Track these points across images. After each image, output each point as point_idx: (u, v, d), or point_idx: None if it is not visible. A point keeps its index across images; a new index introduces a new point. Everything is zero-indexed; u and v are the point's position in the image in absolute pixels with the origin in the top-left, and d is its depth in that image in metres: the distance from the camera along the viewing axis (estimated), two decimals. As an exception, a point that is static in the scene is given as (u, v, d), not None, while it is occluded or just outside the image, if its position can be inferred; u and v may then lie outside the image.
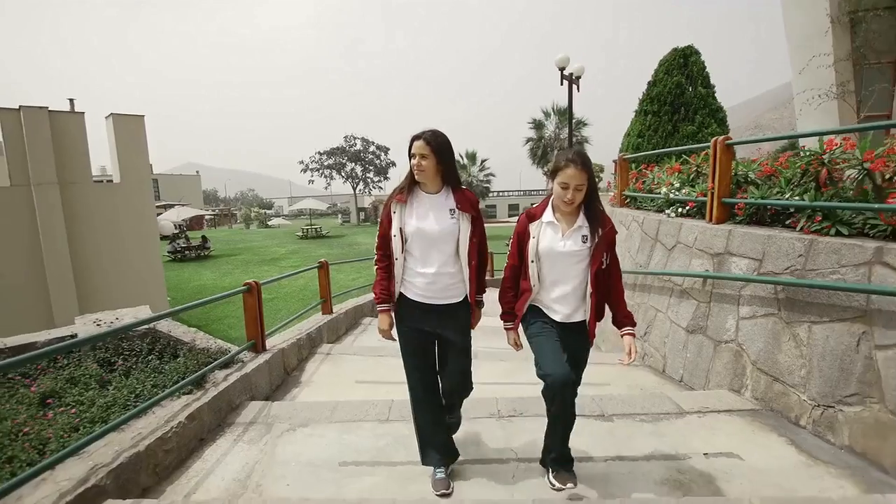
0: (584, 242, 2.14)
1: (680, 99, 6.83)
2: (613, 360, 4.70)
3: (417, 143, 2.19)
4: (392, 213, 2.28)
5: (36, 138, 9.39)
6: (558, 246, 2.16)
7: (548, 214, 2.21)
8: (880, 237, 2.69)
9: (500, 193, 58.93)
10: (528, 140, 30.62)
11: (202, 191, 59.87)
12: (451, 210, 2.24)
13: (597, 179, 2.28)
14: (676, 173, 4.95)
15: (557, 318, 2.21)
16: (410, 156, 2.23)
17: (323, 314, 6.07)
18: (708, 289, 3.82)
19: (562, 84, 9.83)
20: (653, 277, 4.66)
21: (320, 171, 48.06)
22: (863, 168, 2.88)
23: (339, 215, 58.54)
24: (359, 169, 48.72)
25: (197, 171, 57.58)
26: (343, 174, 48.45)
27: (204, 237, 25.56)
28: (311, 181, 48.18)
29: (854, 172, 2.98)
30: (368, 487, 2.39)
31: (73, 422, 2.68)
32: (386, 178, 49.90)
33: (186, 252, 23.59)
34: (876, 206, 2.71)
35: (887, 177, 2.86)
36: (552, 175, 2.16)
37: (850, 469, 2.43)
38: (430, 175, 2.22)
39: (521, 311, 2.27)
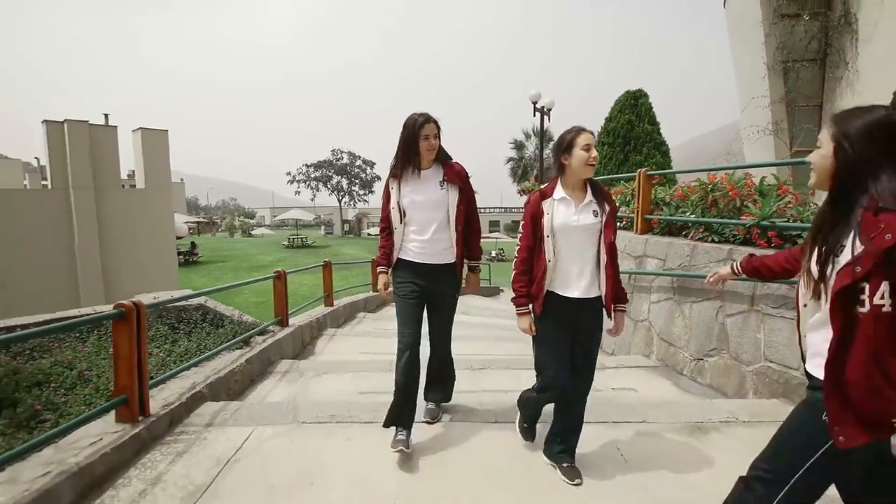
0: (596, 216, 2.20)
1: (630, 133, 8.17)
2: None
3: (430, 126, 2.46)
4: (391, 190, 2.58)
5: (76, 147, 10.26)
6: (573, 220, 2.18)
7: (559, 191, 2.24)
8: (736, 242, 3.92)
9: (482, 210, 60.47)
10: (510, 160, 32.23)
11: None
12: (440, 182, 2.53)
13: None
14: (619, 195, 6.19)
15: (576, 294, 2.20)
16: (420, 137, 2.45)
17: (325, 306, 7.10)
18: (632, 283, 5.02)
19: (534, 115, 11.29)
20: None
21: (307, 183, 48.92)
22: (726, 196, 4.13)
23: (322, 227, 59.18)
24: (344, 182, 49.75)
25: (181, 179, 57.66)
26: (329, 186, 49.38)
27: (193, 243, 26.12)
28: (298, 192, 48.97)
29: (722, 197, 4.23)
30: (383, 402, 3.46)
31: (163, 361, 3.70)
32: (371, 192, 50.97)
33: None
34: (732, 221, 3.94)
35: (745, 202, 4.12)
36: (567, 149, 2.19)
37: (706, 395, 3.61)
38: (436, 153, 2.51)
39: (539, 293, 2.23)
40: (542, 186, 2.33)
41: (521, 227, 2.34)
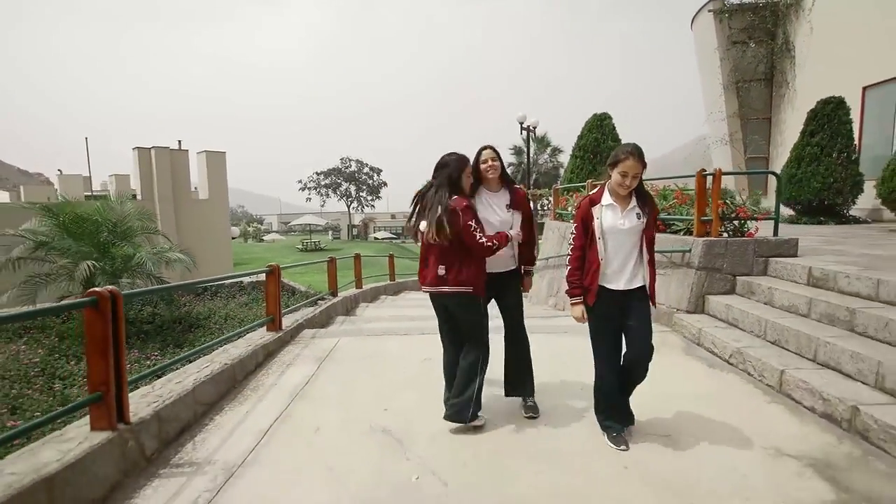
0: (639, 219, 2.46)
1: (597, 149, 10.16)
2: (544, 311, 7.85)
3: (487, 151, 2.86)
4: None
5: (161, 167, 12.49)
6: (619, 224, 2.45)
7: (606, 198, 2.51)
8: (642, 230, 5.92)
9: (485, 213, 62.13)
10: (510, 165, 34.33)
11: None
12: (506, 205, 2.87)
13: (546, 201, 4.06)
14: (577, 198, 8.21)
15: (620, 286, 2.47)
16: (481, 161, 2.82)
17: (356, 288, 9.15)
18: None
19: (521, 133, 13.33)
20: (561, 259, 7.88)
21: (317, 190, 51.21)
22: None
23: (330, 231, 61.23)
24: (353, 188, 51.99)
25: (195, 188, 60.04)
26: (338, 193, 51.63)
27: (216, 248, 28.28)
28: (309, 199, 51.29)
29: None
30: (412, 327, 5.47)
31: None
32: (378, 198, 53.18)
33: (202, 261, 26.26)
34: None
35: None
36: (612, 166, 2.45)
37: (617, 328, 5.60)
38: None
39: (592, 284, 2.50)
40: (592, 193, 2.65)
41: (573, 229, 2.62)
